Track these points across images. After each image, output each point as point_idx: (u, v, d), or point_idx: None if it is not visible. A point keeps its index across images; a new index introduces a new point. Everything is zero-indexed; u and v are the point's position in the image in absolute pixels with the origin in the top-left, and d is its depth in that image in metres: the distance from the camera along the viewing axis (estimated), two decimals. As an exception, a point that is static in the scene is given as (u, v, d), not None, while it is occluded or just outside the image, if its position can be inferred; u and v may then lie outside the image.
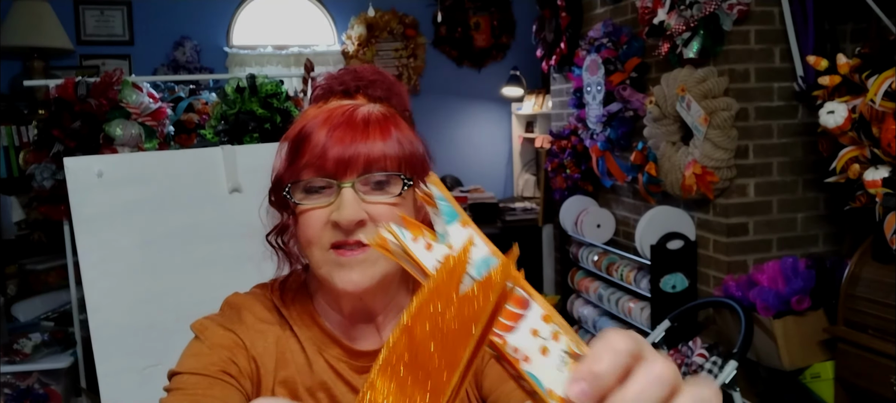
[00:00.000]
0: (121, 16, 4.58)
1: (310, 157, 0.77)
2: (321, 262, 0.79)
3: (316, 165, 0.77)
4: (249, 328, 0.83)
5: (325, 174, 0.77)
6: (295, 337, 0.85)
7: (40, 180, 2.60)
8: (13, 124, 3.56)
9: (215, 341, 0.81)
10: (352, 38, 4.86)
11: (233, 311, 0.86)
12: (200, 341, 0.82)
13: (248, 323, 0.84)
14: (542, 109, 4.67)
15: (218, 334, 0.82)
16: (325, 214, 0.78)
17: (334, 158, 0.76)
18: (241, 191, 2.07)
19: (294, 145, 0.79)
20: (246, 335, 0.82)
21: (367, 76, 0.85)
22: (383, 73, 0.87)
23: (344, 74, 0.85)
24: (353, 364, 0.85)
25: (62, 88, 2.57)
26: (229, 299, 0.89)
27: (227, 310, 0.87)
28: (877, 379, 2.14)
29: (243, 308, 0.86)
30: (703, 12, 2.60)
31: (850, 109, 2.13)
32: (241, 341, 0.82)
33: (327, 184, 0.78)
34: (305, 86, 2.87)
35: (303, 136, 0.78)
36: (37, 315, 3.13)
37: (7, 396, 2.76)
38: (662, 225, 2.91)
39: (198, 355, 0.80)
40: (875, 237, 2.17)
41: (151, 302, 1.89)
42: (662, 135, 2.91)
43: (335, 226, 0.78)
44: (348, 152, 0.76)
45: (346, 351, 0.85)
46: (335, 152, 0.76)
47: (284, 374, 0.82)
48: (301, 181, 0.78)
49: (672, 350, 2.50)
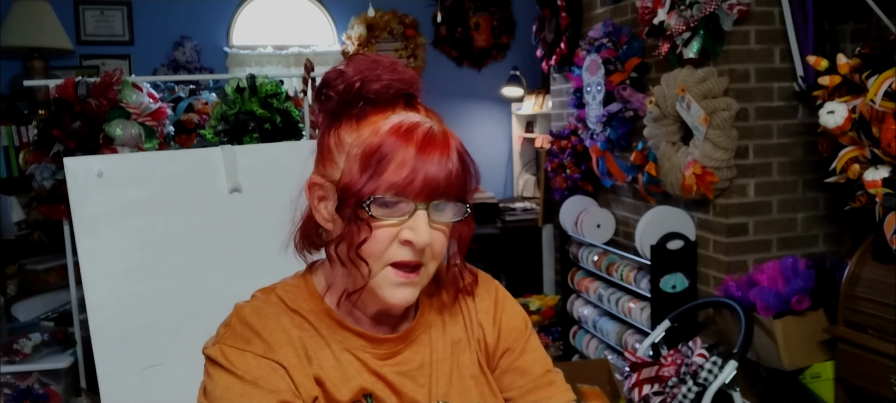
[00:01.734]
0: (121, 16, 4.58)
1: (395, 176, 0.78)
2: (377, 276, 0.82)
3: (401, 185, 0.78)
4: (275, 342, 0.82)
5: (409, 195, 0.79)
6: (317, 334, 0.86)
7: (40, 180, 2.60)
8: (13, 124, 3.56)
9: (255, 374, 0.79)
10: (352, 38, 4.86)
11: (248, 329, 0.84)
12: (232, 375, 0.80)
13: (272, 339, 0.83)
14: (542, 109, 4.67)
15: (253, 366, 0.80)
16: (395, 231, 0.80)
17: (422, 182, 0.78)
18: (241, 191, 2.07)
19: (376, 159, 0.79)
20: (277, 353, 0.82)
21: (407, 77, 0.85)
22: (404, 68, 0.87)
23: (392, 77, 0.84)
24: (375, 353, 0.87)
25: (62, 88, 2.57)
26: (241, 315, 0.86)
27: (242, 329, 0.84)
28: (877, 379, 2.14)
29: (257, 323, 0.84)
30: (703, 12, 2.60)
31: (850, 109, 2.13)
32: (278, 362, 0.81)
33: (404, 202, 0.79)
34: (305, 86, 2.87)
35: (386, 152, 0.79)
36: (37, 315, 3.13)
37: (7, 396, 2.76)
38: (662, 225, 2.91)
39: (245, 396, 0.78)
40: (875, 237, 2.17)
41: (151, 302, 1.89)
42: (662, 135, 2.91)
43: (404, 244, 0.81)
44: (433, 177, 0.79)
45: (368, 341, 0.87)
46: (423, 176, 0.78)
47: (314, 371, 0.83)
48: (380, 197, 0.79)
49: (672, 350, 2.50)
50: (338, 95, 0.84)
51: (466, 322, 0.96)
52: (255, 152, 2.23)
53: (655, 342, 2.60)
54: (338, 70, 0.85)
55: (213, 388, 0.81)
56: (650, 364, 2.45)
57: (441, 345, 0.93)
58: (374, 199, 0.79)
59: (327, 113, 0.87)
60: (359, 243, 0.80)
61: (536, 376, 0.96)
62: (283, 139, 2.67)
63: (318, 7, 4.96)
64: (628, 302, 3.22)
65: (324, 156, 0.87)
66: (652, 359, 2.50)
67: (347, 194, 0.80)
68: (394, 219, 0.80)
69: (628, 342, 3.17)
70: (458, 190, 0.82)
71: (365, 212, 0.79)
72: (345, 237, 0.81)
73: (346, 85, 0.84)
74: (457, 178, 0.82)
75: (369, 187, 0.79)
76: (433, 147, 0.80)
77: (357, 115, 0.84)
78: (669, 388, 2.33)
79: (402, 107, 0.85)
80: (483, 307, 0.98)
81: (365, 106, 0.83)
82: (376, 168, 0.79)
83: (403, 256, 0.81)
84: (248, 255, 2.03)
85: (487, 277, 1.01)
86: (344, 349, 0.86)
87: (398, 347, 0.89)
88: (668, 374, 2.35)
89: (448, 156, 0.81)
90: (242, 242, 2.03)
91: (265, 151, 2.30)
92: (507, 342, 0.97)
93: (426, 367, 0.90)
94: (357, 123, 0.83)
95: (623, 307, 3.25)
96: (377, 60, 0.85)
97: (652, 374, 2.40)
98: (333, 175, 0.84)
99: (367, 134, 0.81)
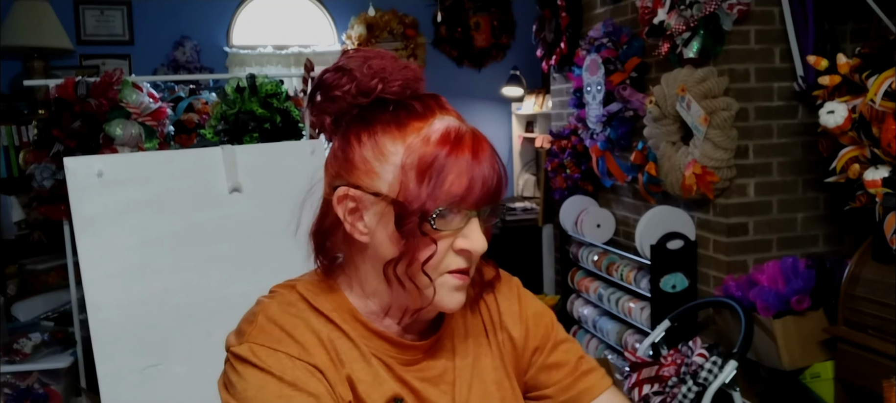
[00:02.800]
0: (121, 16, 4.58)
1: (457, 187, 0.77)
2: (434, 285, 0.80)
3: (462, 195, 0.77)
4: (308, 344, 0.80)
5: (467, 205, 0.78)
6: (344, 335, 0.83)
7: (40, 180, 2.60)
8: (13, 124, 3.56)
9: (292, 376, 0.77)
10: (352, 38, 4.86)
11: (277, 328, 0.80)
12: (268, 375, 0.77)
13: (304, 340, 0.80)
14: (542, 109, 4.67)
15: (288, 367, 0.77)
16: (451, 241, 0.79)
17: (480, 190, 0.78)
18: (241, 191, 2.07)
19: (435, 171, 0.76)
20: (311, 355, 0.79)
21: (417, 71, 0.84)
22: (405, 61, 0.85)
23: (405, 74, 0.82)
24: (400, 358, 0.85)
25: (62, 88, 2.57)
26: (268, 313, 0.82)
27: (270, 327, 0.80)
28: (877, 379, 2.14)
29: (287, 323, 0.81)
30: (703, 12, 2.60)
31: (850, 109, 2.13)
32: (314, 365, 0.79)
33: (460, 212, 0.78)
34: (305, 86, 2.87)
35: (443, 162, 0.77)
36: (37, 315, 3.12)
37: (7, 396, 2.76)
38: (662, 225, 2.90)
39: (283, 398, 0.75)
40: (875, 237, 2.17)
41: (151, 302, 1.89)
42: (662, 135, 2.91)
43: (460, 253, 0.80)
44: (489, 184, 0.78)
45: (394, 346, 0.85)
46: (481, 184, 0.78)
47: (346, 372, 0.81)
48: (443, 209, 0.77)
49: (672, 350, 2.50)
50: (350, 97, 0.81)
51: (488, 325, 0.95)
52: (255, 151, 2.23)
53: (655, 342, 2.60)
54: (340, 69, 0.82)
55: (245, 388, 0.76)
56: (650, 363, 2.45)
57: (463, 350, 0.91)
58: (438, 212, 0.77)
59: (335, 116, 0.83)
60: (425, 260, 0.78)
61: (571, 367, 0.96)
62: (283, 139, 2.67)
63: (318, 7, 4.96)
64: (628, 302, 3.22)
65: (356, 166, 0.80)
66: (652, 359, 2.50)
67: (407, 209, 0.77)
68: (451, 229, 0.79)
69: (628, 342, 3.17)
70: (502, 193, 0.82)
71: (429, 226, 0.77)
72: (406, 254, 0.78)
73: (362, 87, 0.80)
74: (503, 181, 0.81)
75: (432, 202, 0.76)
76: (483, 153, 0.79)
77: (395, 121, 0.80)
78: (669, 388, 2.33)
79: (439, 109, 0.82)
80: (506, 307, 0.96)
81: (399, 111, 0.80)
82: (436, 180, 0.76)
83: (458, 264, 0.80)
84: (248, 255, 2.03)
85: (508, 275, 1.00)
86: (372, 353, 0.84)
87: (424, 355, 0.88)
88: (668, 374, 2.35)
89: (495, 160, 0.80)
90: (242, 242, 2.03)
91: (265, 151, 2.30)
92: (536, 340, 0.95)
93: (449, 373, 0.89)
94: (398, 130, 0.79)
95: (623, 307, 3.25)
96: (381, 56, 0.82)
97: (652, 374, 2.40)
98: (374, 186, 0.79)
99: (417, 143, 0.78)
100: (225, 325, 0.88)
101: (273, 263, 2.16)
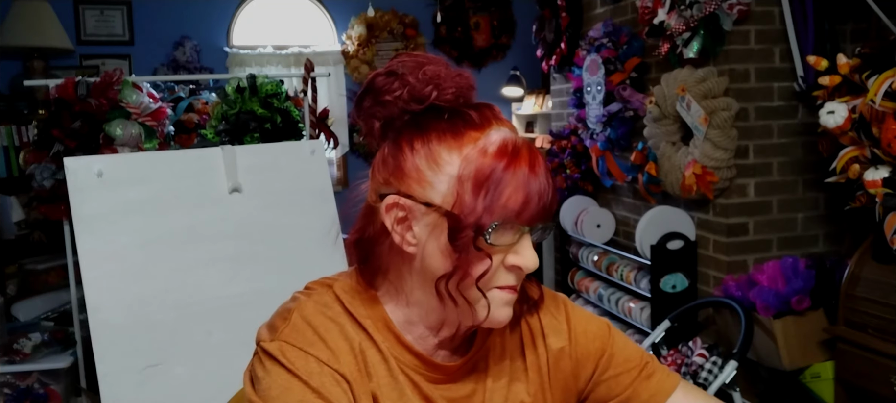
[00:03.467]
0: (121, 16, 4.58)
1: (513, 202, 0.74)
2: (482, 299, 0.78)
3: (519, 211, 0.75)
4: (339, 350, 0.78)
5: (522, 221, 0.76)
6: (374, 345, 0.81)
7: (40, 180, 2.60)
8: (13, 124, 3.56)
9: (317, 382, 0.75)
10: (352, 38, 4.86)
11: (310, 330, 0.78)
12: (294, 377, 0.75)
13: (336, 346, 0.78)
14: (542, 109, 4.67)
15: (315, 372, 0.75)
16: (503, 256, 0.77)
17: (536, 206, 0.75)
18: (241, 191, 2.07)
19: (492, 184, 0.74)
20: (340, 363, 0.77)
21: (470, 80, 0.81)
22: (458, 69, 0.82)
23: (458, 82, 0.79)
24: (428, 376, 0.83)
25: (62, 88, 2.57)
26: (304, 312, 0.80)
27: (304, 328, 0.79)
28: (877, 379, 2.14)
29: (321, 326, 0.79)
30: (703, 12, 2.60)
31: (850, 109, 2.13)
32: (341, 374, 0.77)
33: (514, 227, 0.76)
34: (305, 86, 2.87)
35: (501, 176, 0.74)
36: (37, 315, 3.12)
37: (7, 396, 2.76)
38: (662, 225, 2.90)
39: (305, 402, 0.74)
40: (875, 237, 2.17)
41: (151, 302, 1.89)
42: (662, 135, 2.91)
43: (511, 269, 0.78)
44: (544, 200, 0.76)
45: (425, 363, 0.83)
46: (537, 200, 0.75)
47: (372, 387, 0.79)
48: (499, 224, 0.75)
49: (672, 350, 2.50)
50: (402, 102, 0.78)
51: (527, 343, 0.91)
52: (255, 151, 2.23)
53: (655, 342, 2.60)
54: (393, 73, 0.79)
55: (270, 386, 0.75)
56: (650, 363, 2.45)
57: (497, 371, 0.88)
58: (494, 227, 0.74)
59: (384, 121, 0.80)
60: (480, 276, 0.76)
61: (635, 374, 0.92)
62: (283, 139, 2.67)
63: (318, 7, 4.96)
64: (628, 302, 3.22)
65: (408, 174, 0.77)
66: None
67: (462, 222, 0.74)
68: (504, 244, 0.76)
69: (628, 342, 3.17)
70: (555, 208, 0.82)
71: (484, 241, 0.74)
72: (459, 268, 0.76)
73: (415, 93, 0.78)
74: (556, 196, 0.80)
75: (488, 216, 0.74)
76: (539, 167, 0.76)
77: (451, 130, 0.77)
78: (669, 388, 2.33)
79: (495, 120, 0.79)
80: (551, 324, 0.93)
81: (455, 120, 0.78)
82: (494, 194, 0.74)
83: (508, 281, 0.78)
84: (248, 255, 2.03)
85: (553, 293, 0.97)
86: (400, 368, 0.81)
87: (454, 374, 0.85)
88: (668, 374, 2.35)
89: (549, 175, 0.78)
90: (242, 242, 2.03)
91: (265, 151, 2.30)
92: (593, 357, 0.92)
93: (478, 394, 0.86)
94: (454, 139, 0.77)
95: (623, 307, 3.25)
96: (434, 61, 0.80)
97: (652, 374, 2.40)
98: (426, 196, 0.76)
99: (474, 155, 0.75)
100: (225, 325, 0.88)
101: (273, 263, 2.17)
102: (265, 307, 0.87)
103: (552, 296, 0.96)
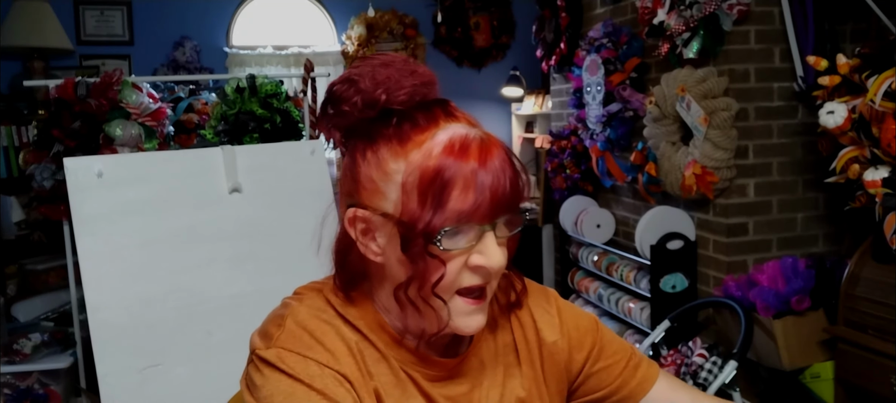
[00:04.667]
0: (121, 16, 4.58)
1: (462, 203, 0.71)
2: (446, 308, 0.76)
3: (470, 211, 0.72)
4: (338, 352, 0.77)
5: (476, 220, 0.73)
6: (372, 345, 0.80)
7: (40, 180, 2.60)
8: (13, 124, 3.56)
9: (321, 384, 0.74)
10: (351, 39, 4.86)
11: (307, 334, 0.77)
12: (296, 381, 0.74)
13: (334, 348, 0.77)
14: (542, 109, 4.67)
15: (317, 375, 0.74)
16: (465, 258, 0.75)
17: (490, 203, 0.72)
18: (241, 191, 2.07)
19: (437, 187, 0.71)
20: (341, 364, 0.76)
21: (427, 77, 0.78)
22: (418, 64, 0.80)
23: (414, 81, 0.77)
24: (426, 373, 0.82)
25: (62, 88, 2.57)
26: (298, 317, 0.79)
27: (300, 333, 0.77)
28: (877, 379, 2.14)
29: (317, 329, 0.78)
30: (703, 12, 2.60)
31: (849, 109, 2.13)
32: (343, 375, 0.76)
33: (471, 227, 0.73)
34: (305, 86, 2.87)
35: (447, 177, 0.71)
36: (37, 315, 3.13)
37: (7, 396, 2.76)
38: (662, 225, 2.90)
39: None
40: (875, 237, 2.17)
41: (151, 302, 1.89)
42: (662, 135, 2.91)
43: (475, 270, 0.75)
44: (499, 194, 0.73)
45: (422, 360, 0.82)
46: (489, 196, 0.72)
47: (374, 385, 0.79)
48: (450, 228, 0.72)
49: (672, 350, 2.50)
50: (357, 111, 0.76)
51: (520, 342, 0.90)
52: (255, 151, 2.24)
53: (655, 342, 2.60)
54: (348, 80, 0.77)
55: (272, 393, 0.74)
56: (650, 364, 2.45)
57: (492, 373, 0.87)
58: (444, 232, 0.72)
59: (344, 131, 0.79)
60: (435, 283, 0.74)
61: (623, 365, 0.94)
62: (283, 139, 2.67)
63: (318, 7, 4.96)
64: (628, 302, 3.22)
65: (362, 185, 0.77)
66: (652, 359, 2.50)
67: (412, 231, 0.72)
68: (462, 246, 0.74)
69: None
70: (520, 199, 0.76)
71: (436, 247, 0.72)
72: (415, 278, 0.74)
73: (367, 99, 0.76)
74: (520, 186, 0.75)
75: (437, 221, 0.71)
76: (491, 158, 0.73)
77: (397, 136, 0.75)
78: (669, 388, 2.33)
79: (443, 117, 0.76)
80: (544, 320, 0.92)
81: (402, 123, 0.75)
82: (439, 198, 0.71)
83: (472, 281, 0.76)
84: (248, 255, 2.03)
85: (543, 287, 0.96)
86: (400, 366, 0.81)
87: (451, 371, 0.84)
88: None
89: (508, 163, 0.74)
90: (242, 242, 2.03)
91: (265, 151, 2.31)
92: (583, 351, 0.93)
93: (476, 391, 0.85)
94: (400, 145, 0.75)
95: (623, 307, 3.25)
96: (389, 63, 0.77)
97: (652, 374, 2.40)
98: (382, 207, 0.75)
99: (418, 159, 0.73)
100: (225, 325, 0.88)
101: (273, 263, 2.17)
102: (265, 307, 0.87)
103: (542, 291, 0.96)
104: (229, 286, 1.94)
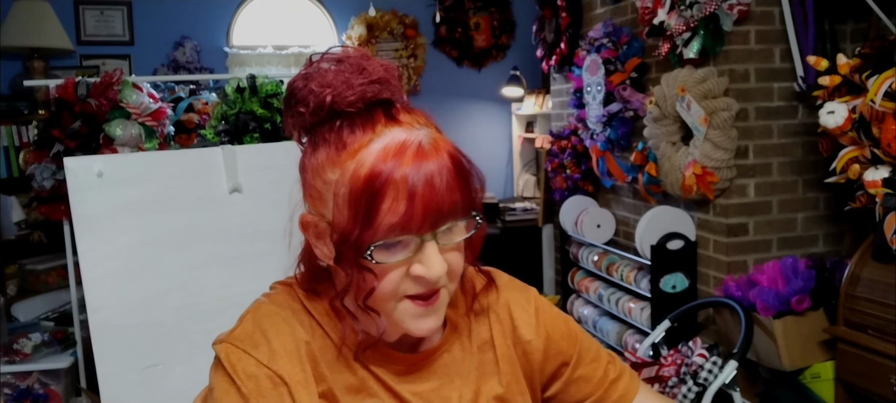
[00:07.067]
0: (121, 16, 4.58)
1: (392, 215, 0.69)
2: (395, 312, 0.75)
3: (401, 224, 0.69)
4: (282, 351, 0.75)
5: (411, 231, 0.70)
6: (330, 341, 0.79)
7: (40, 180, 2.60)
8: (13, 124, 3.56)
9: (250, 387, 0.73)
10: (352, 39, 4.86)
11: (258, 331, 0.76)
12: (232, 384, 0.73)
13: (280, 347, 0.75)
14: (542, 109, 4.67)
15: (252, 375, 0.73)
16: (405, 267, 0.72)
17: (422, 213, 0.69)
18: (241, 191, 2.07)
19: (366, 200, 0.69)
20: (279, 364, 0.74)
21: (379, 75, 0.74)
22: (374, 58, 0.76)
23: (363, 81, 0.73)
24: (393, 369, 0.81)
25: (62, 88, 2.57)
26: (258, 313, 0.79)
27: (252, 329, 0.77)
28: (877, 379, 2.14)
29: (270, 327, 0.77)
30: (703, 12, 2.60)
31: (850, 110, 2.13)
32: (279, 376, 0.74)
33: (408, 238, 0.71)
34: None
35: (376, 189, 0.68)
36: (37, 315, 3.13)
37: (7, 396, 2.76)
38: (662, 225, 2.90)
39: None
40: (875, 237, 2.17)
41: (151, 302, 1.89)
42: (662, 135, 2.91)
43: (416, 280, 0.73)
44: (434, 204, 0.69)
45: (381, 355, 0.81)
46: (422, 206, 0.68)
47: (327, 387, 0.77)
48: (381, 242, 0.70)
49: (672, 350, 2.50)
50: (309, 112, 0.73)
51: (498, 338, 0.88)
52: (255, 151, 2.23)
53: (655, 343, 2.60)
54: (304, 77, 0.74)
55: (214, 387, 0.75)
56: (650, 364, 2.45)
57: (465, 366, 0.85)
58: (375, 246, 0.70)
59: (301, 131, 0.76)
60: (366, 295, 0.72)
61: (600, 377, 0.92)
62: (283, 139, 2.67)
63: (318, 7, 4.96)
64: (628, 302, 3.22)
65: (310, 189, 0.76)
66: (652, 359, 2.50)
67: (344, 244, 0.71)
68: (401, 256, 0.71)
69: (628, 343, 3.17)
70: (463, 206, 0.72)
71: (368, 261, 0.70)
72: (350, 288, 0.73)
73: (317, 100, 0.73)
74: (460, 193, 0.71)
75: (367, 235, 0.69)
76: (427, 167, 0.69)
77: (334, 142, 0.72)
78: (669, 388, 2.33)
79: (383, 122, 0.72)
80: (522, 318, 0.90)
81: (342, 129, 0.72)
82: (369, 212, 0.68)
83: (417, 290, 0.73)
84: (248, 255, 2.03)
85: (523, 285, 0.94)
86: (360, 363, 0.79)
87: (417, 367, 0.82)
88: (668, 374, 2.35)
89: (445, 172, 0.70)
90: (242, 242, 2.03)
91: (265, 151, 2.30)
92: (560, 355, 0.91)
93: (445, 388, 0.83)
94: (336, 154, 0.72)
95: (623, 307, 3.25)
96: (343, 60, 0.74)
97: (652, 374, 2.40)
98: (325, 214, 0.74)
99: (350, 169, 0.70)
100: (225, 325, 0.88)
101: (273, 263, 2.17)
102: (266, 308, 0.87)
103: (523, 289, 0.94)
104: (230, 285, 1.93)
